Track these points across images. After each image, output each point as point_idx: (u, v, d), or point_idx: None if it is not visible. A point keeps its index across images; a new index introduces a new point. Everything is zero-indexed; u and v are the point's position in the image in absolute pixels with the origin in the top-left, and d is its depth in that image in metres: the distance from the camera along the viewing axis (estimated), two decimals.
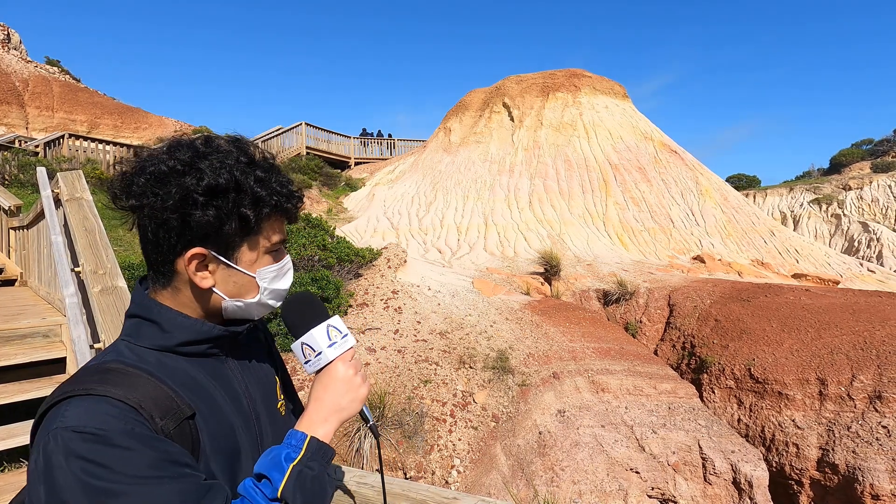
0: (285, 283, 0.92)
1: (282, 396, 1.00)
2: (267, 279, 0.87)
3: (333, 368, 0.86)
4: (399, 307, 7.26)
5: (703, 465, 5.74)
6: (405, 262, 8.67)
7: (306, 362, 0.88)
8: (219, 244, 0.81)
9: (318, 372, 0.87)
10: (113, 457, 0.64)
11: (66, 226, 3.66)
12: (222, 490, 0.73)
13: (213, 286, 0.83)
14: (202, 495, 0.69)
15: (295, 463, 0.77)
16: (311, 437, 0.80)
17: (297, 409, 1.07)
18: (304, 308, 0.91)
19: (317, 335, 0.87)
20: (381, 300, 7.38)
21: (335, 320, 0.90)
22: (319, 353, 0.86)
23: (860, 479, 5.26)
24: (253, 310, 0.89)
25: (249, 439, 0.87)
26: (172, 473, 0.67)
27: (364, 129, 23.79)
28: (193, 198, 0.77)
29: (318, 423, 0.83)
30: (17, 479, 2.64)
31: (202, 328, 0.84)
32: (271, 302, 0.90)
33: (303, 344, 0.87)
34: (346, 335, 0.89)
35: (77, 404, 0.68)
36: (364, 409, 0.90)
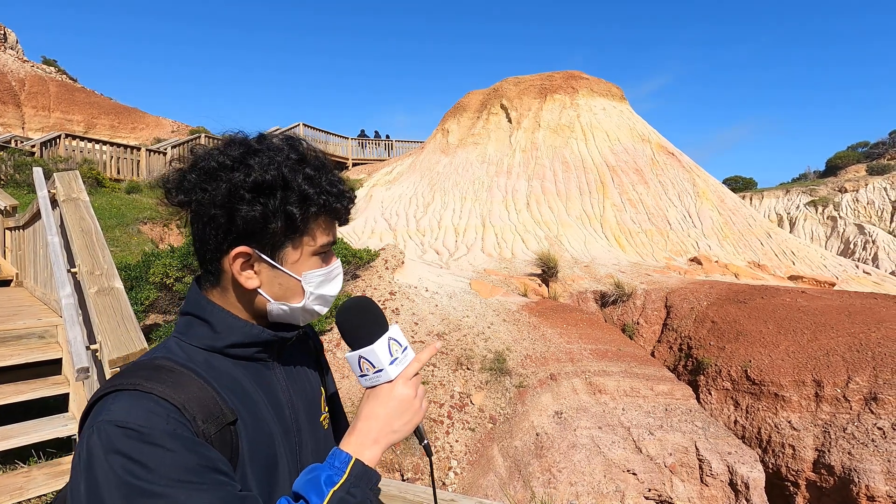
0: (333, 288, 0.87)
1: (325, 409, 0.97)
2: (313, 283, 0.83)
3: (393, 387, 0.80)
4: (396, 308, 7.26)
5: (700, 467, 5.75)
6: (403, 263, 8.67)
7: (362, 376, 0.81)
8: (264, 243, 0.79)
9: (373, 387, 0.82)
10: (153, 457, 0.63)
11: (62, 226, 3.65)
12: (256, 503, 0.70)
13: (259, 287, 0.81)
14: None
15: (336, 488, 0.72)
16: (356, 461, 0.75)
17: (341, 424, 1.03)
18: (363, 316, 0.84)
19: (378, 350, 0.80)
20: (379, 301, 7.38)
21: (395, 331, 0.83)
22: (380, 371, 0.80)
23: (856, 480, 5.28)
24: (298, 315, 0.85)
25: (289, 450, 0.84)
26: (210, 481, 0.65)
27: (362, 131, 23.79)
28: (240, 193, 0.76)
29: (366, 444, 0.78)
30: (11, 481, 2.63)
31: (252, 331, 0.82)
32: (317, 307, 0.86)
33: (360, 357, 0.81)
34: (406, 348, 0.83)
35: (123, 399, 0.68)
36: (419, 426, 0.84)
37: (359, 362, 0.81)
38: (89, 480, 0.63)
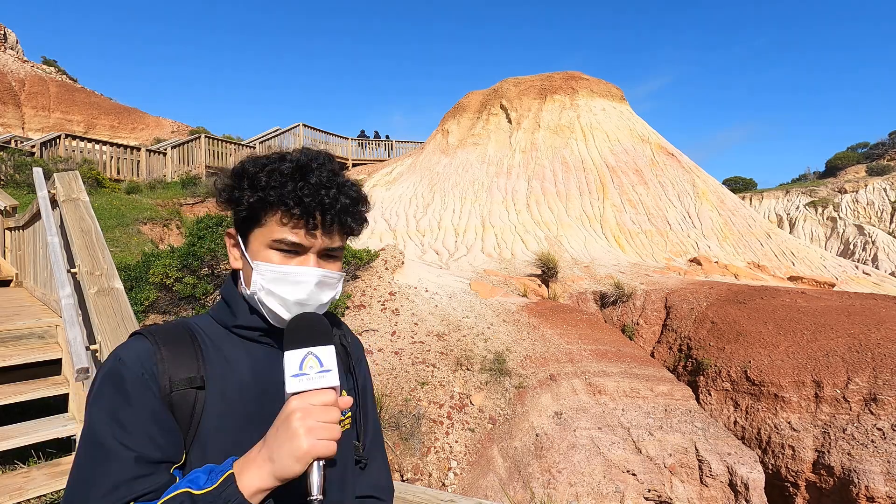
0: (292, 292, 0.84)
1: (349, 414, 0.95)
2: (265, 276, 0.85)
3: (286, 404, 0.72)
4: (396, 309, 7.26)
5: (700, 468, 5.75)
6: (402, 263, 8.67)
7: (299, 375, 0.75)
8: (240, 229, 0.90)
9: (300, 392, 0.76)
10: (111, 392, 0.80)
11: (62, 227, 3.65)
12: (155, 482, 0.76)
13: (240, 270, 0.92)
14: (132, 477, 0.75)
15: (191, 492, 0.69)
16: (231, 476, 0.69)
17: (362, 437, 1.00)
18: (299, 328, 0.80)
19: (288, 360, 0.74)
20: (379, 302, 7.38)
21: (321, 350, 0.76)
22: (285, 382, 0.73)
23: (855, 481, 5.28)
24: (259, 306, 0.87)
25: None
26: (130, 442, 0.76)
27: (362, 131, 23.78)
28: (225, 181, 0.89)
29: (248, 466, 0.71)
30: (10, 481, 2.62)
31: (249, 315, 0.90)
32: (272, 305, 0.85)
33: (310, 354, 0.76)
34: (324, 371, 0.74)
35: (137, 340, 0.85)
36: (312, 474, 0.69)
37: (303, 361, 0.75)
38: (87, 396, 0.84)
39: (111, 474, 0.74)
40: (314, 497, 0.69)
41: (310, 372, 0.73)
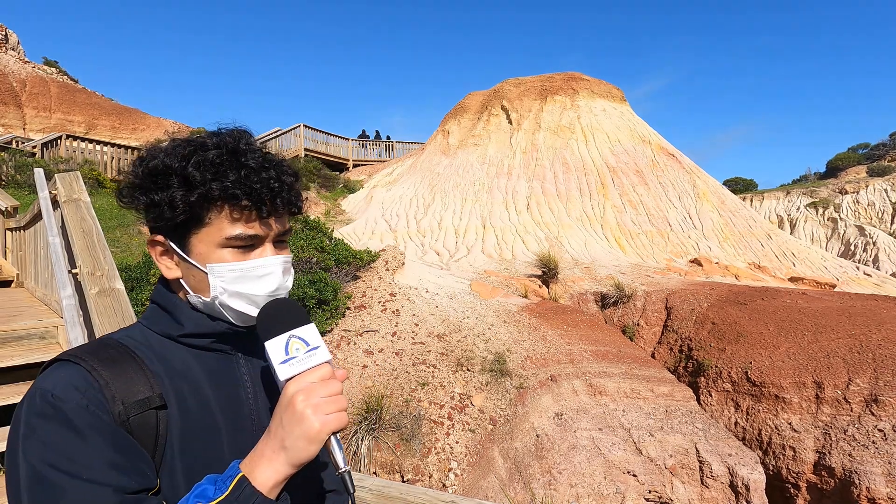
0: (257, 287, 0.78)
1: None
2: (225, 278, 0.77)
3: (284, 391, 0.70)
4: (397, 309, 7.26)
5: (701, 469, 5.74)
6: (403, 264, 8.67)
7: (288, 359, 0.73)
8: (174, 233, 0.78)
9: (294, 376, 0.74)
10: (58, 439, 0.66)
11: (63, 227, 3.65)
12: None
13: (180, 278, 0.80)
14: None
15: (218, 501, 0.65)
16: (243, 478, 0.66)
17: None
18: (271, 317, 0.76)
19: (271, 349, 0.72)
20: (379, 302, 7.38)
21: (303, 330, 0.74)
22: (274, 370, 0.72)
23: (856, 482, 5.27)
24: (219, 310, 0.79)
25: (238, 449, 0.74)
26: (98, 476, 0.65)
27: (363, 132, 23.81)
28: (139, 181, 0.78)
29: (259, 461, 0.68)
30: None
31: (203, 321, 0.80)
32: (238, 306, 0.78)
33: (292, 337, 0.74)
34: (312, 349, 0.73)
35: (61, 369, 0.72)
36: (333, 449, 0.70)
37: (287, 344, 0.73)
38: (12, 440, 0.68)
39: None
40: (343, 469, 0.69)
41: (297, 354, 0.72)
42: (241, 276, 0.77)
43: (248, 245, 0.78)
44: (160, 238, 0.80)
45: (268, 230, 0.79)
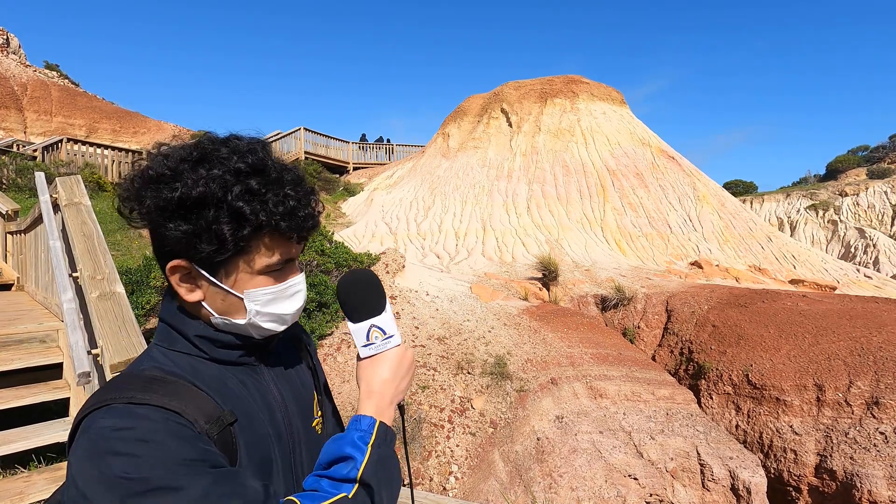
0: (289, 306, 0.82)
1: (318, 414, 0.94)
2: (259, 302, 0.78)
3: (405, 350, 0.88)
4: (397, 312, 7.25)
5: (702, 472, 5.73)
6: (403, 267, 8.67)
7: (367, 345, 0.85)
8: (202, 259, 0.74)
9: (373, 355, 0.86)
10: (149, 451, 0.62)
11: (63, 231, 3.65)
12: (256, 492, 0.67)
13: (203, 300, 0.77)
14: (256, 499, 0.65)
15: (371, 442, 0.76)
16: (381, 423, 0.80)
17: (333, 423, 1.02)
18: (369, 289, 0.87)
19: (389, 318, 0.87)
20: None
21: (381, 319, 0.88)
22: (389, 337, 0.86)
23: (858, 485, 5.25)
24: (247, 330, 0.80)
25: (282, 454, 0.82)
26: (207, 470, 0.64)
27: (363, 135, 23.90)
28: (167, 210, 0.71)
29: (384, 407, 0.82)
30: (11, 485, 2.62)
31: (224, 337, 0.80)
32: (269, 325, 0.81)
33: (372, 326, 0.85)
34: (388, 337, 0.89)
35: (115, 412, 0.65)
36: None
37: (368, 332, 0.86)
38: (84, 481, 0.61)
39: None
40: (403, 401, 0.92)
41: (376, 341, 0.86)
42: (274, 297, 0.80)
43: (282, 268, 0.80)
44: (183, 263, 0.75)
45: (298, 252, 0.83)
